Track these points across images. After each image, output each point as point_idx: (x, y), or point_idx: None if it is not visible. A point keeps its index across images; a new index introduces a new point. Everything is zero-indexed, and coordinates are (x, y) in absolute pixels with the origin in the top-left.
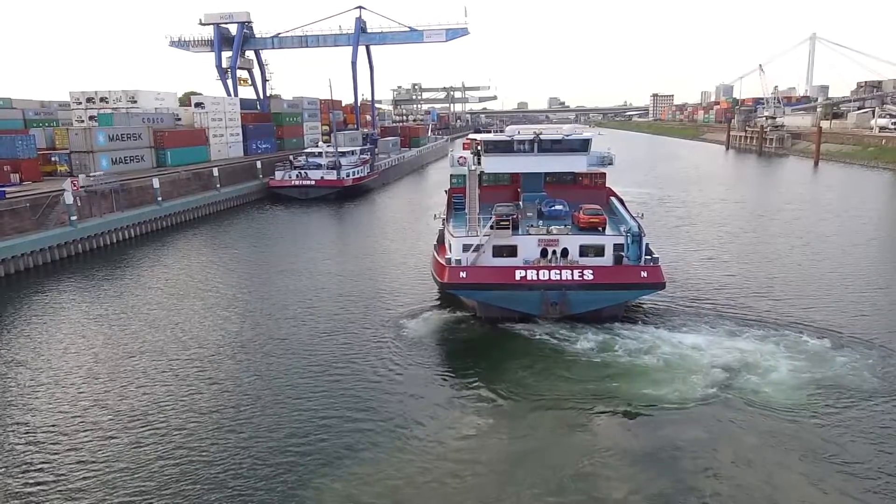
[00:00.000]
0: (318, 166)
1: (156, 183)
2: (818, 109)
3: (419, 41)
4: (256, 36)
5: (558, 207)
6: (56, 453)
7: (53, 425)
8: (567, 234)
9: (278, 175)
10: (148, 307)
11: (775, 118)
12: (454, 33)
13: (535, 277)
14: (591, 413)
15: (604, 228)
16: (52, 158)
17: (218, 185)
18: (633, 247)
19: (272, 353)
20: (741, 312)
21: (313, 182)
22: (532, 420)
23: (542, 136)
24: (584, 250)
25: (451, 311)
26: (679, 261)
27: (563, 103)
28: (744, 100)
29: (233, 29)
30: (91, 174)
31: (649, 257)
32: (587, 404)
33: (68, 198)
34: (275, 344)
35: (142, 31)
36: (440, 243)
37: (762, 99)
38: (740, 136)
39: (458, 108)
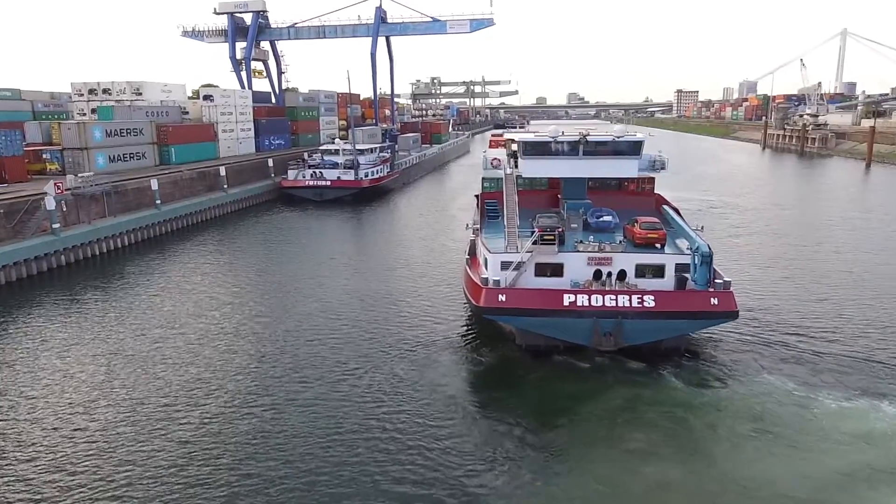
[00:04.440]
0: (335, 165)
1: (154, 184)
2: (859, 107)
3: (442, 32)
4: (272, 26)
5: (607, 218)
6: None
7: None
8: (622, 251)
9: (291, 175)
10: (141, 330)
11: (817, 116)
12: (479, 24)
13: (586, 303)
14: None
15: (663, 245)
16: (44, 155)
17: (225, 186)
18: (702, 269)
19: (283, 391)
20: (842, 353)
21: (329, 183)
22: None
23: (588, 138)
24: (640, 270)
25: (486, 337)
26: (746, 281)
27: (583, 99)
28: (775, 96)
29: (248, 18)
30: (80, 175)
31: (720, 281)
32: (658, 480)
33: (50, 202)
34: (286, 379)
35: (157, 21)
36: (472, 256)
37: (793, 96)
38: (778, 135)
39: (477, 102)
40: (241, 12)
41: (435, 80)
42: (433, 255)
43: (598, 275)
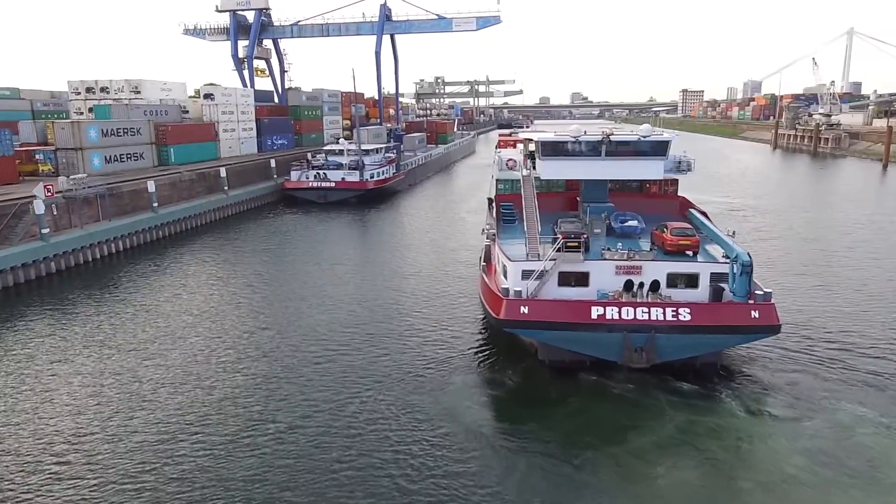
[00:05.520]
0: (339, 166)
1: (151, 186)
2: (870, 107)
3: (448, 30)
4: (275, 24)
5: (632, 223)
6: None
7: None
8: (653, 259)
9: (294, 176)
10: (134, 344)
11: (830, 116)
12: (485, 21)
13: (616, 316)
14: None
15: (696, 253)
16: (36, 156)
17: (226, 188)
18: (742, 279)
19: (286, 417)
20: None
21: (333, 184)
22: None
23: (612, 138)
24: (672, 279)
25: (505, 351)
26: (780, 291)
27: (586, 98)
28: (783, 96)
29: (250, 16)
30: (72, 177)
31: (759, 292)
32: None
33: (39, 206)
34: (289, 403)
35: (159, 19)
36: (488, 263)
37: (802, 96)
38: (789, 135)
39: (481, 102)
40: (243, 10)
41: (439, 80)
42: (443, 260)
43: (629, 285)
